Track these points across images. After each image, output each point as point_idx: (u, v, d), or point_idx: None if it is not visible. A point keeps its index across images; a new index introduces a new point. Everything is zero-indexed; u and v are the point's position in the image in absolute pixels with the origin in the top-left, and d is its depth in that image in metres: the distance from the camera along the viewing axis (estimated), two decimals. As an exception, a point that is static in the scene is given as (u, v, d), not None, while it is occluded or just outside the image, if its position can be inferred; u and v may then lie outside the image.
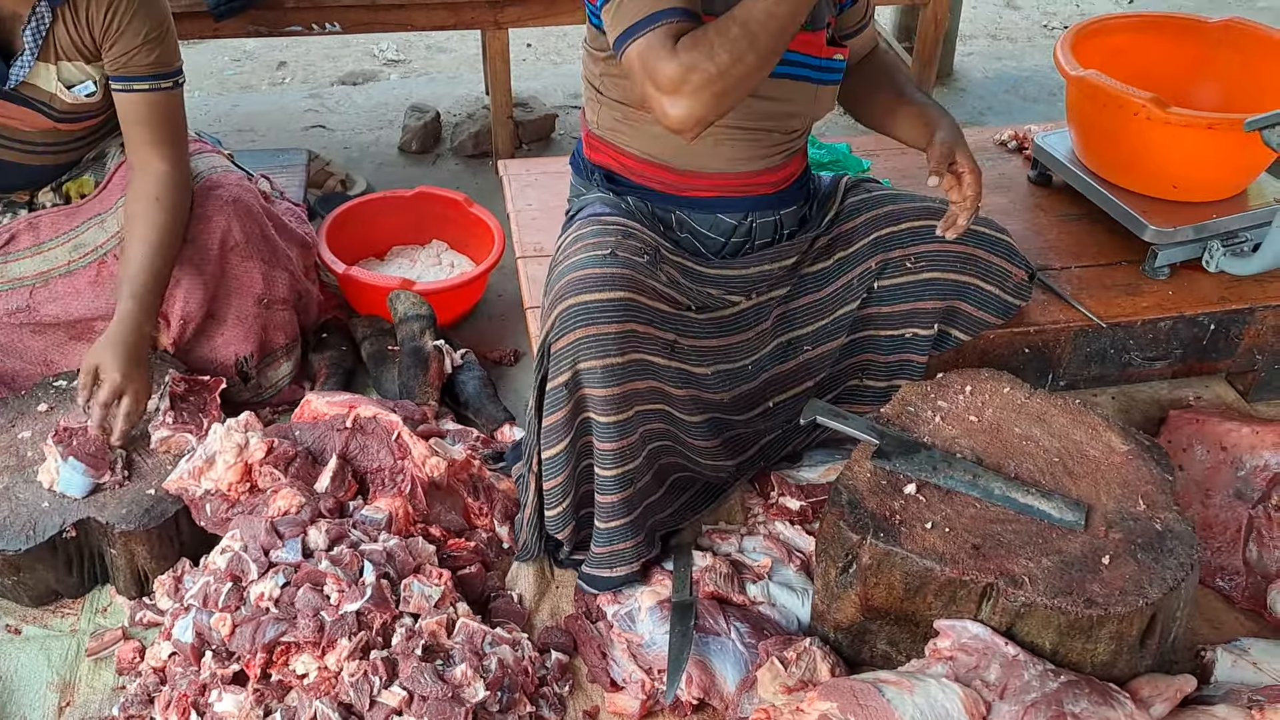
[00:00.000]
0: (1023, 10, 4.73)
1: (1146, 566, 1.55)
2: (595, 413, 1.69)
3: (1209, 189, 2.19)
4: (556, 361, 1.67)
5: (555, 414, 1.70)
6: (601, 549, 1.80)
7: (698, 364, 1.81)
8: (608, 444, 1.71)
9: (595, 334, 1.65)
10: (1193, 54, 2.35)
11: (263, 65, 4.12)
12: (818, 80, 1.80)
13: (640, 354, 1.70)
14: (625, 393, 1.69)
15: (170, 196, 1.99)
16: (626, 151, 1.86)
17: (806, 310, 1.95)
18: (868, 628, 1.68)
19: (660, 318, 1.73)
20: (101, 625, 1.85)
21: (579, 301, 1.66)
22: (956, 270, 1.94)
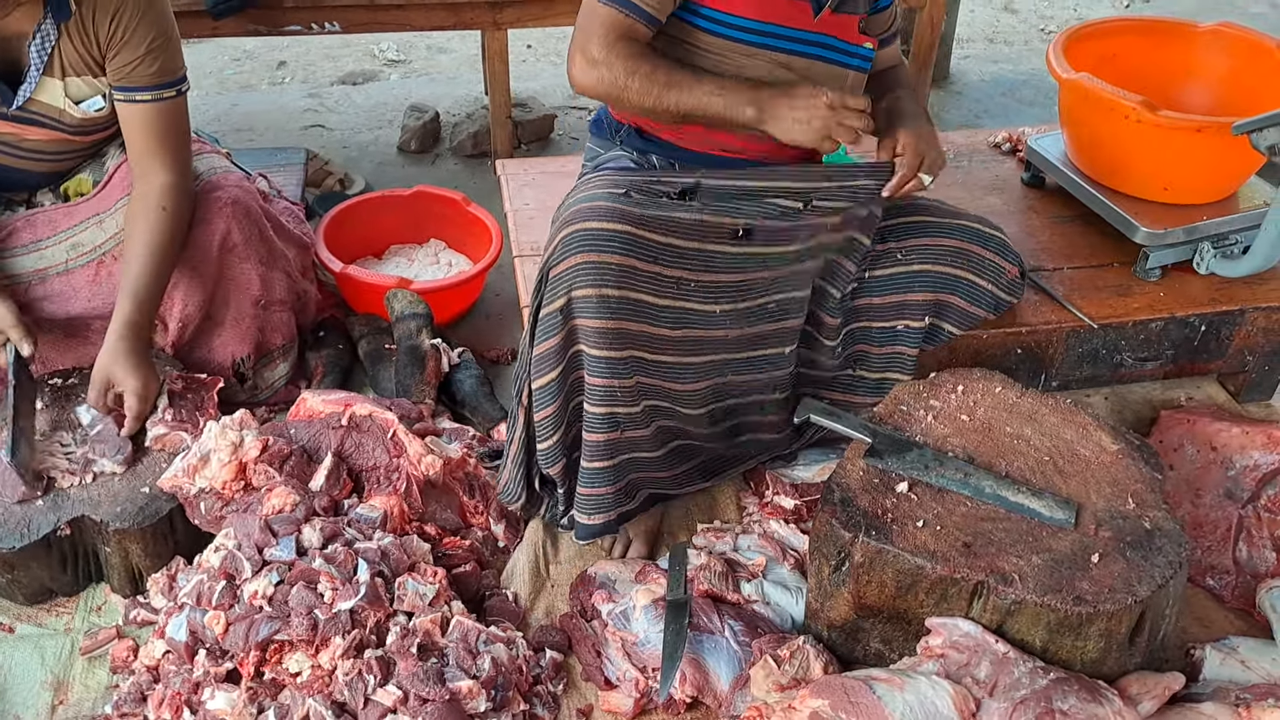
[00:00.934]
0: (1020, 14, 4.75)
1: (1135, 565, 1.56)
2: (586, 345, 1.70)
3: (1199, 191, 2.20)
4: (553, 286, 1.68)
5: (548, 341, 1.71)
6: (585, 490, 1.82)
7: (704, 300, 1.79)
8: (597, 379, 1.72)
9: (595, 261, 1.66)
10: (1183, 58, 2.36)
11: (262, 65, 4.13)
12: (847, 65, 1.88)
13: (639, 294, 1.70)
14: (619, 330, 1.69)
15: (176, 205, 2.00)
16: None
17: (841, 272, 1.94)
18: (860, 626, 1.69)
19: (672, 254, 1.73)
20: (95, 623, 1.86)
21: (583, 228, 1.67)
22: (947, 264, 1.95)
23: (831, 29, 1.84)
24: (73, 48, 1.91)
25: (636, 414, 1.80)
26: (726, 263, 1.80)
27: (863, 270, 1.96)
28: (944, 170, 2.49)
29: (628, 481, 1.86)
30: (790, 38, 1.83)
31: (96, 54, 1.92)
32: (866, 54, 1.89)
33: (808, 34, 1.83)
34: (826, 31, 1.84)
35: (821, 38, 1.84)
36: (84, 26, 1.89)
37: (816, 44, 1.84)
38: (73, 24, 1.89)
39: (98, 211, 2.10)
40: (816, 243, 1.87)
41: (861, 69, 1.91)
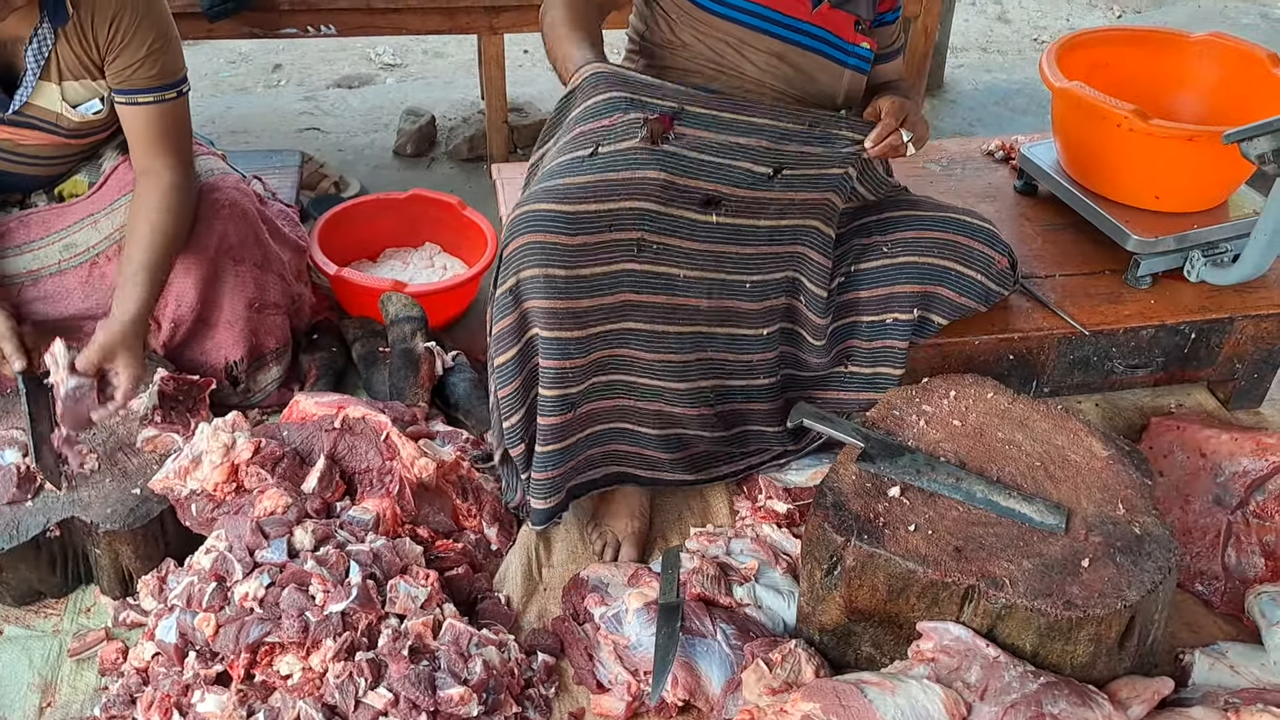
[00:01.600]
0: (1013, 24, 4.77)
1: (1125, 570, 1.56)
2: (538, 326, 1.73)
3: (1190, 200, 2.22)
4: (505, 266, 1.72)
5: (504, 320, 1.74)
6: (538, 475, 1.84)
7: (669, 264, 1.80)
8: (548, 360, 1.75)
9: (541, 241, 1.69)
10: (1175, 68, 2.37)
11: (258, 67, 4.13)
12: (842, 62, 1.93)
13: (593, 268, 1.72)
14: (569, 309, 1.72)
15: (179, 205, 2.00)
16: None
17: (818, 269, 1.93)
18: (852, 629, 1.69)
19: (631, 215, 1.74)
20: (84, 625, 1.85)
21: (532, 209, 1.71)
22: (934, 255, 1.96)
23: (829, 24, 1.89)
24: (70, 51, 1.91)
25: (595, 389, 1.82)
26: (692, 230, 1.81)
27: (849, 265, 1.97)
28: (937, 177, 2.54)
29: (583, 459, 1.88)
30: (787, 25, 1.88)
31: (95, 57, 1.92)
32: (864, 54, 1.93)
33: (805, 24, 1.88)
34: (823, 25, 1.89)
35: (818, 30, 1.89)
36: (82, 30, 1.89)
37: (812, 35, 1.89)
38: (70, 28, 1.88)
39: (92, 212, 2.09)
40: (785, 221, 1.87)
41: (859, 69, 1.94)
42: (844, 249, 1.98)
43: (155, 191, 1.98)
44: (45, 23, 1.87)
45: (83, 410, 1.88)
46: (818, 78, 1.92)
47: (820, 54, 1.91)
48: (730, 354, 1.93)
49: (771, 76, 1.94)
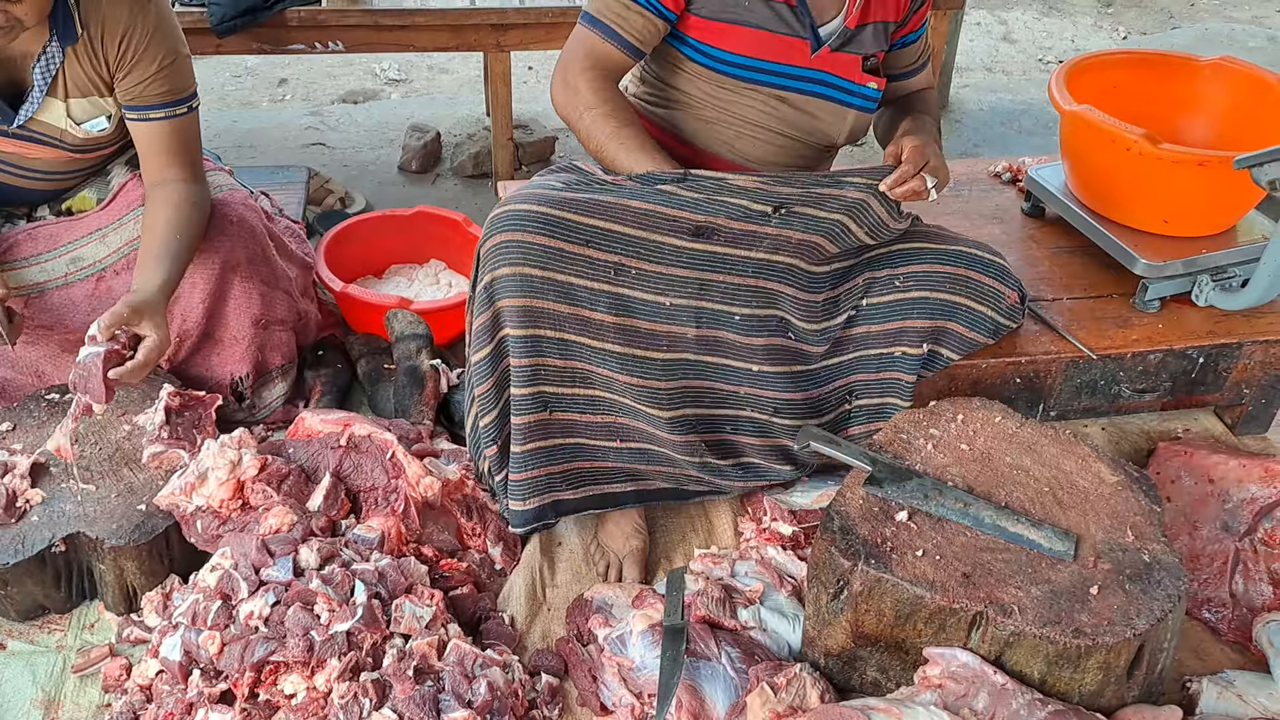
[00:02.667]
0: (1019, 44, 4.79)
1: (1134, 597, 1.56)
2: (509, 326, 1.74)
3: (1199, 224, 2.22)
4: (481, 265, 1.75)
5: (480, 316, 1.77)
6: (515, 475, 1.84)
7: (651, 290, 1.80)
8: (521, 359, 1.76)
9: (517, 240, 1.71)
10: (1184, 91, 2.38)
11: (263, 82, 4.14)
12: (848, 104, 1.92)
13: (566, 275, 1.74)
14: (542, 309, 1.73)
15: (200, 205, 2.02)
16: (652, 121, 1.98)
17: (805, 306, 1.93)
18: (858, 654, 1.69)
19: (609, 238, 1.75)
20: (88, 642, 1.84)
21: (509, 209, 1.73)
22: (946, 290, 1.96)
23: (831, 67, 1.89)
24: (79, 69, 1.91)
25: (577, 400, 1.82)
26: (678, 257, 1.81)
27: (859, 299, 1.97)
28: (944, 198, 2.53)
29: (568, 468, 1.88)
30: (785, 74, 1.88)
31: (105, 75, 1.93)
32: (870, 94, 1.92)
33: (804, 70, 1.88)
34: (825, 69, 1.88)
35: (820, 75, 1.89)
36: (92, 48, 1.90)
37: (814, 80, 1.89)
38: (80, 46, 1.89)
39: (100, 226, 2.10)
40: (778, 257, 1.86)
41: (865, 109, 1.94)
42: (853, 283, 1.97)
43: (170, 197, 1.99)
44: (54, 41, 1.88)
45: (95, 381, 1.78)
46: (820, 119, 1.93)
47: (823, 98, 1.91)
48: (714, 383, 1.92)
49: (771, 119, 1.93)
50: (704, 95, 1.93)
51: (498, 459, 1.88)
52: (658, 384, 1.85)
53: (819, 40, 1.86)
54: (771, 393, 1.94)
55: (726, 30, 1.85)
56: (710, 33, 1.86)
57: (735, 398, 1.94)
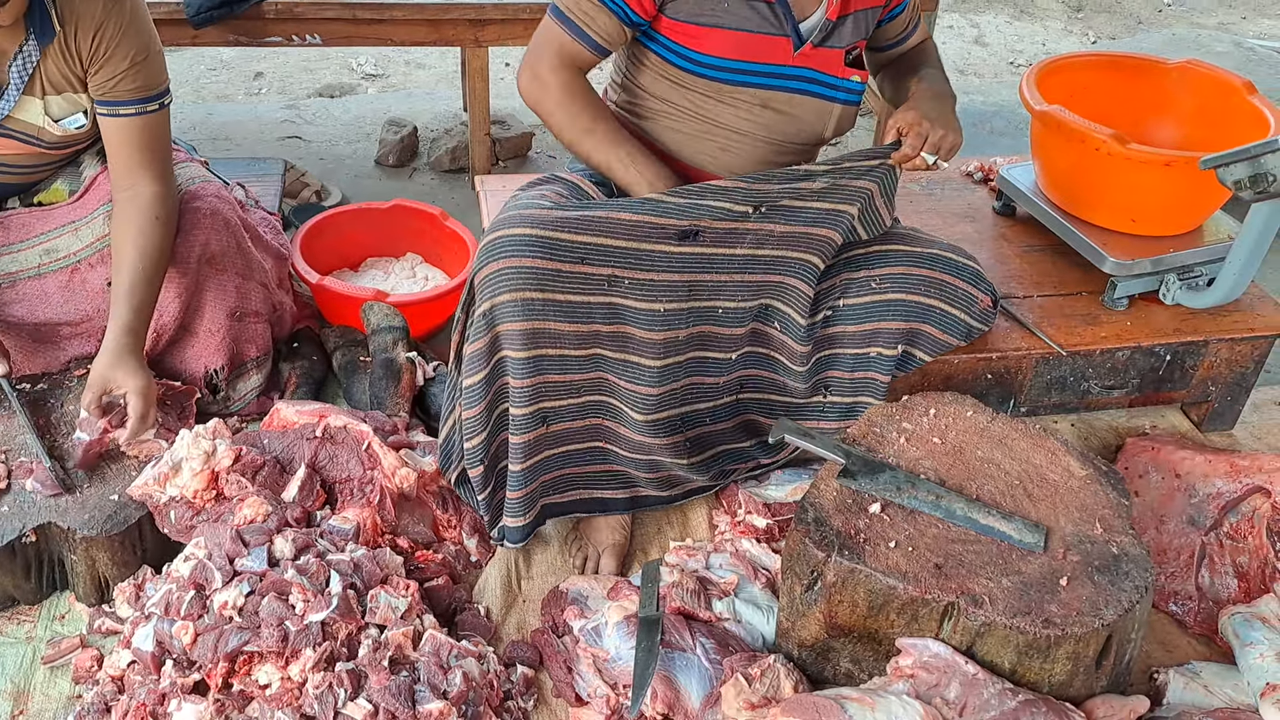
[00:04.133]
0: (990, 47, 4.83)
1: (1103, 588, 1.58)
2: (510, 349, 1.74)
3: (1166, 224, 2.25)
4: (480, 291, 1.74)
5: (476, 343, 1.76)
6: (513, 494, 1.85)
7: (644, 299, 1.81)
8: (523, 380, 1.77)
9: (515, 266, 1.70)
10: (1152, 93, 2.41)
11: (239, 75, 4.12)
12: (832, 99, 1.91)
13: (565, 294, 1.74)
14: (543, 329, 1.74)
15: (166, 215, 1.99)
16: (638, 133, 1.95)
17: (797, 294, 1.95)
18: (831, 645, 1.70)
19: (601, 252, 1.76)
20: (59, 633, 1.83)
21: (504, 234, 1.72)
22: (921, 293, 1.98)
23: (814, 63, 1.88)
24: (55, 66, 1.90)
25: (570, 409, 1.84)
26: (669, 263, 1.82)
27: (836, 299, 1.98)
28: (917, 197, 2.56)
29: (557, 475, 1.90)
30: (769, 74, 1.86)
31: (79, 70, 1.91)
32: (854, 87, 1.92)
33: (788, 69, 1.87)
34: (809, 66, 1.87)
35: (803, 72, 1.88)
36: (66, 44, 1.88)
37: (798, 78, 1.88)
38: (56, 43, 1.87)
39: (73, 219, 2.08)
40: (763, 250, 1.89)
41: (850, 102, 1.94)
42: (831, 282, 1.98)
43: (136, 210, 1.96)
44: (31, 39, 1.86)
45: (90, 454, 1.90)
46: (805, 118, 1.92)
47: (807, 94, 1.89)
48: (698, 378, 1.94)
49: (756, 125, 1.91)
50: (688, 104, 1.90)
51: (482, 477, 1.86)
52: (650, 390, 1.86)
53: (801, 37, 1.85)
54: (743, 371, 1.98)
55: (705, 33, 1.83)
56: (689, 36, 1.84)
57: (715, 389, 1.96)
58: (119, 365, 1.88)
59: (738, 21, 1.82)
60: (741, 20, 1.82)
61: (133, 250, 1.93)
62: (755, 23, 1.83)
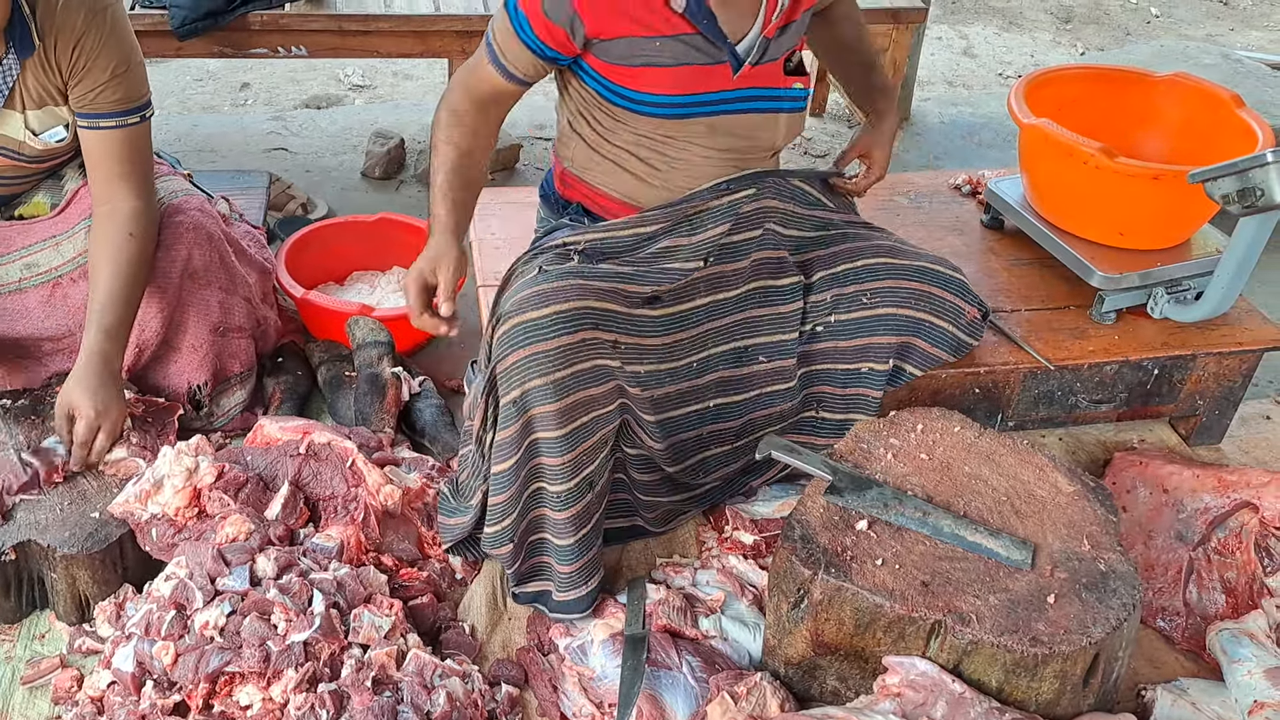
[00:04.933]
0: (979, 58, 4.84)
1: (1090, 606, 1.57)
2: (543, 430, 1.70)
3: (1154, 237, 2.25)
4: (505, 380, 1.70)
5: (507, 430, 1.71)
6: (570, 565, 1.80)
7: (636, 362, 1.81)
8: (561, 457, 1.72)
9: (539, 351, 1.67)
10: (1140, 106, 2.42)
11: (225, 86, 4.10)
12: (778, 109, 1.88)
13: (592, 361, 1.72)
14: (575, 402, 1.70)
15: (143, 230, 1.96)
16: (599, 190, 1.92)
17: (766, 321, 1.95)
18: (818, 663, 1.69)
19: (606, 319, 1.75)
20: (38, 652, 1.81)
21: (522, 320, 1.69)
22: (911, 306, 1.97)
23: (755, 81, 1.82)
24: (36, 79, 1.88)
25: (605, 463, 1.81)
26: (644, 328, 1.82)
27: (826, 315, 1.97)
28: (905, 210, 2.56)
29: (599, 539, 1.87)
30: (711, 101, 1.81)
31: (59, 82, 1.89)
32: (797, 94, 1.88)
33: (729, 93, 1.81)
34: (750, 85, 1.82)
35: (745, 92, 1.82)
36: (46, 56, 1.86)
37: (741, 99, 1.83)
38: (36, 56, 1.86)
39: (55, 233, 2.06)
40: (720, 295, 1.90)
41: (795, 109, 1.91)
42: (821, 297, 1.97)
43: (118, 217, 1.94)
44: (11, 53, 1.85)
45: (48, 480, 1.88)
46: (754, 134, 1.87)
47: (752, 112, 1.85)
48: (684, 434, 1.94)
49: (705, 151, 1.85)
50: (635, 142, 1.84)
51: (511, 555, 1.81)
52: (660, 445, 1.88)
53: (739, 59, 1.78)
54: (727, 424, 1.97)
55: (640, 72, 1.76)
56: (626, 77, 1.77)
57: (698, 437, 1.97)
58: (78, 388, 1.87)
59: (672, 57, 1.75)
60: (676, 55, 1.75)
61: (107, 269, 1.92)
62: (690, 55, 1.76)
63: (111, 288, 1.91)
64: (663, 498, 1.97)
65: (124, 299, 1.93)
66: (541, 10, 1.70)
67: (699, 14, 1.72)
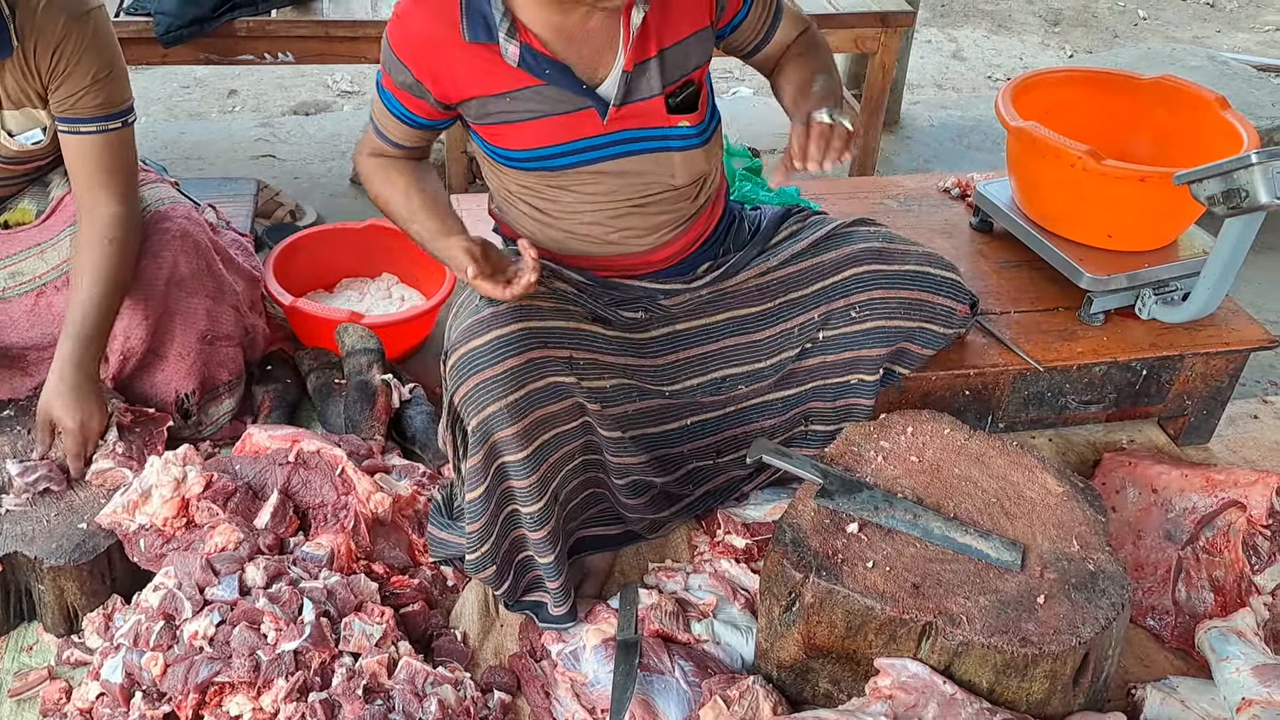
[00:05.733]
0: (968, 61, 4.86)
1: (1080, 606, 1.58)
2: (508, 454, 1.69)
3: (1142, 239, 2.26)
4: (464, 408, 1.69)
5: (473, 458, 1.70)
6: (555, 583, 1.79)
7: (595, 378, 1.79)
8: (527, 479, 1.71)
9: (492, 375, 1.66)
10: (1127, 108, 2.43)
11: (213, 93, 4.09)
12: (666, 149, 1.76)
13: (546, 379, 1.70)
14: (533, 421, 1.69)
15: (123, 237, 1.95)
16: (513, 228, 1.90)
17: (744, 350, 1.95)
18: (810, 666, 1.69)
19: (554, 335, 1.74)
20: (26, 664, 1.80)
21: (467, 350, 1.68)
22: (902, 316, 1.95)
23: (631, 122, 1.72)
24: (13, 81, 1.87)
25: (572, 474, 1.81)
26: (607, 345, 1.82)
27: (815, 332, 1.96)
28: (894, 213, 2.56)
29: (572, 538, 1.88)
30: (586, 149, 1.73)
31: (38, 86, 1.88)
32: (685, 132, 1.76)
33: (603, 137, 1.72)
34: (625, 127, 1.72)
35: (622, 135, 1.73)
36: (25, 59, 1.85)
37: (618, 142, 1.73)
38: (14, 58, 1.85)
39: (39, 241, 2.05)
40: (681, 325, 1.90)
41: (688, 146, 1.77)
42: (809, 315, 1.95)
43: (99, 224, 1.93)
44: None
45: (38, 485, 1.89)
46: (647, 172, 1.77)
47: (635, 154, 1.74)
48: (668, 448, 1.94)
49: (598, 196, 1.78)
50: (531, 193, 1.81)
51: (495, 576, 1.81)
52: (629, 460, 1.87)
53: (603, 102, 1.69)
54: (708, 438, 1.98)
55: (506, 130, 1.72)
56: (491, 135, 1.74)
57: (679, 453, 1.97)
58: (58, 399, 1.87)
59: (529, 111, 1.69)
60: (533, 108, 1.68)
61: (86, 277, 1.91)
62: (548, 105, 1.68)
63: (89, 295, 1.91)
64: (654, 513, 1.96)
65: (101, 306, 1.92)
66: (397, 85, 1.72)
67: (538, 66, 1.65)
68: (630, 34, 1.66)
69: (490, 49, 1.65)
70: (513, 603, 1.87)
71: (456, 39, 1.65)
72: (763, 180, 2.54)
